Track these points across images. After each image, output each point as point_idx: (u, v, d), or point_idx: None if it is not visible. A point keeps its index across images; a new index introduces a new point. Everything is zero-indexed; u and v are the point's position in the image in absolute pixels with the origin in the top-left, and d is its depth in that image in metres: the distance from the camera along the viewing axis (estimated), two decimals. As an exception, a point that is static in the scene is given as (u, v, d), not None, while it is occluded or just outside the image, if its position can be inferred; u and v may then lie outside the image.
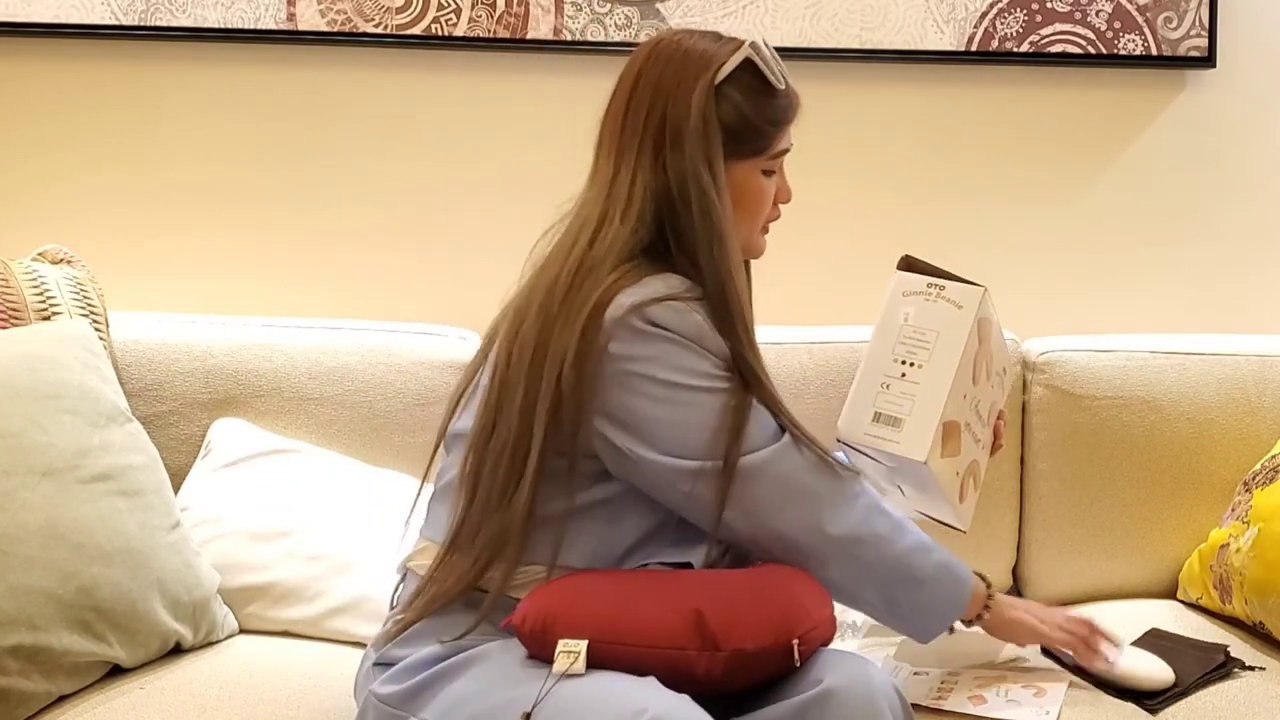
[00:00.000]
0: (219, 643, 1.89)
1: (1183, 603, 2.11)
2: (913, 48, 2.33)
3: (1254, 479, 2.05)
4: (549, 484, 1.47)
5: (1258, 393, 2.15)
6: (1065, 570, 2.15)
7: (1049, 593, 2.17)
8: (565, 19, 2.30)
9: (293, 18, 2.30)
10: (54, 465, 1.77)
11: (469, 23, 2.30)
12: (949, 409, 1.58)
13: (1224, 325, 2.37)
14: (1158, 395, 2.15)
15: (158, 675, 1.77)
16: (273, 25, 2.30)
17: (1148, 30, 2.34)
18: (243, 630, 1.94)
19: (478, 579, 1.49)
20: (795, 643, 1.39)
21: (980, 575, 1.63)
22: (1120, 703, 1.73)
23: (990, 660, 1.80)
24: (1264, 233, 2.43)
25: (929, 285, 1.63)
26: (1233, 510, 2.06)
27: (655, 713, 1.28)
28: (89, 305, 2.06)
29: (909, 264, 1.67)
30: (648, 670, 1.37)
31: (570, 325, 1.45)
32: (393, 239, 2.36)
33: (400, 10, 2.30)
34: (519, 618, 1.42)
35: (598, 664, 1.38)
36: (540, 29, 2.30)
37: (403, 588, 1.63)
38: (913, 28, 2.33)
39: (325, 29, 2.30)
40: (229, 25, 2.30)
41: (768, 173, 1.56)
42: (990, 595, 1.62)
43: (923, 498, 1.66)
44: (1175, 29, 2.34)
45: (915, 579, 1.53)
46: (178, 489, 2.00)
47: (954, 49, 2.33)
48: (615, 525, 1.51)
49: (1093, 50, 2.34)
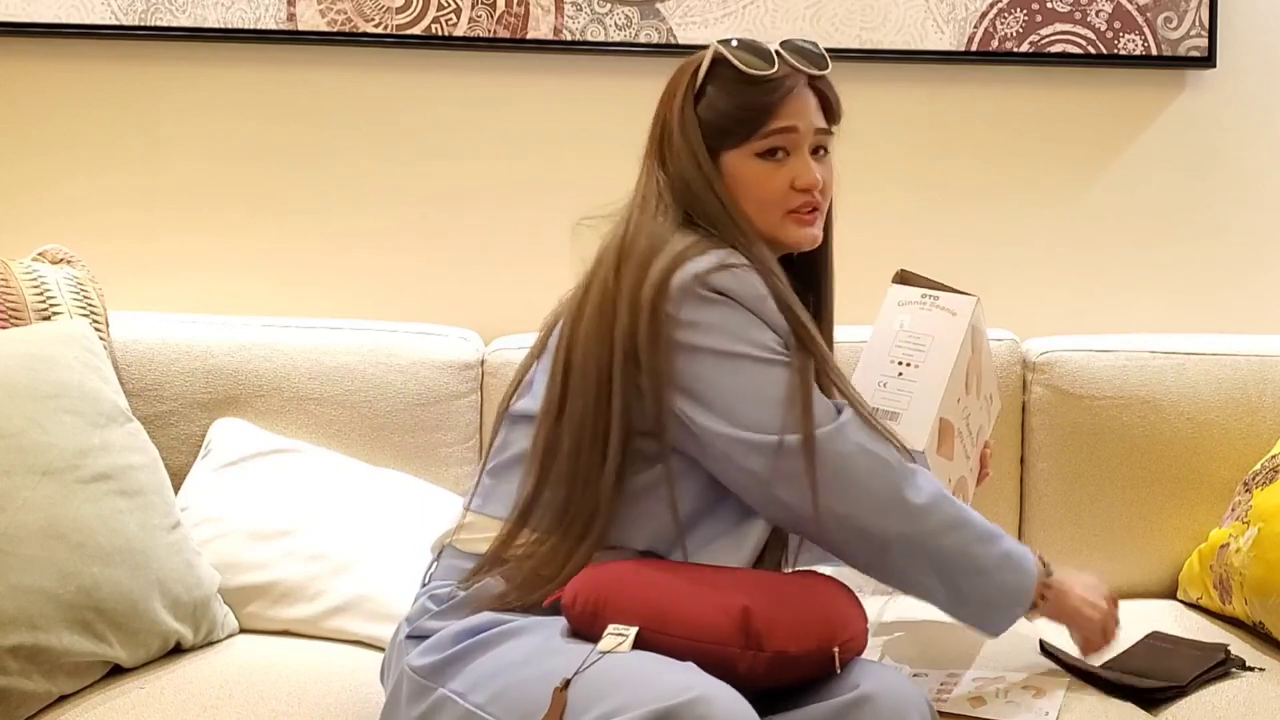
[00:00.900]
0: (219, 642, 1.89)
1: (1183, 603, 2.11)
2: (913, 48, 2.33)
3: (1254, 479, 2.06)
4: (631, 461, 1.51)
5: (1258, 393, 2.16)
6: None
7: (1049, 593, 2.17)
8: (565, 19, 2.30)
9: (293, 18, 2.30)
10: (54, 465, 1.77)
11: (469, 23, 2.30)
12: (945, 405, 1.60)
13: (1224, 325, 2.37)
14: (1157, 395, 2.15)
15: (158, 675, 1.77)
16: (273, 25, 2.30)
17: (1148, 30, 2.34)
18: (243, 630, 1.94)
19: (570, 557, 1.51)
20: (837, 650, 1.42)
21: (1041, 559, 1.61)
22: (1121, 703, 1.73)
23: (966, 662, 1.81)
24: (1264, 233, 2.43)
25: (924, 295, 1.68)
26: (1233, 510, 2.06)
27: (700, 693, 1.29)
28: (89, 305, 2.06)
29: (904, 278, 1.71)
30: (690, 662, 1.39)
31: (637, 296, 1.50)
32: (393, 239, 2.36)
33: (400, 10, 2.30)
34: (569, 597, 1.44)
35: (642, 650, 1.40)
36: (540, 29, 2.30)
37: (438, 564, 1.62)
38: (913, 28, 2.33)
39: (325, 29, 2.30)
40: (229, 25, 2.29)
41: (763, 156, 1.58)
42: (1048, 583, 1.60)
43: None
44: (1175, 29, 2.34)
45: (977, 567, 1.53)
46: (178, 489, 2.00)
47: (954, 49, 2.33)
48: (669, 505, 1.53)
49: (1093, 50, 2.34)
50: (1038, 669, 1.81)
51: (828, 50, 2.31)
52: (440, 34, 2.30)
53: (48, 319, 2.00)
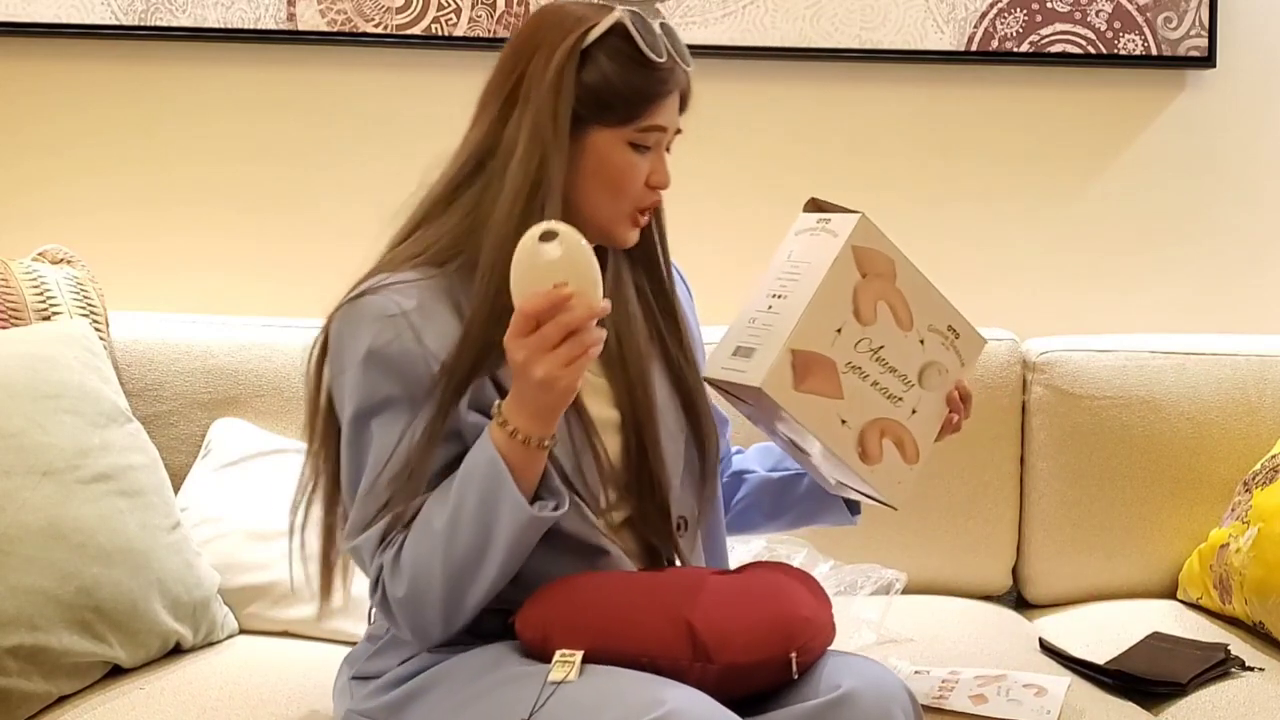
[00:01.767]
0: (219, 643, 1.89)
1: (1183, 603, 2.11)
2: (913, 48, 2.33)
3: (1254, 479, 2.06)
4: None
5: (1258, 393, 2.16)
6: (1065, 570, 2.15)
7: (1049, 592, 2.17)
8: (565, 19, 2.30)
9: (293, 18, 2.30)
10: (54, 465, 1.77)
11: (469, 23, 2.30)
12: (804, 337, 1.45)
13: (1224, 325, 2.37)
14: (1157, 395, 2.15)
15: (158, 675, 1.77)
16: (273, 25, 2.30)
17: (1148, 30, 2.34)
18: (243, 630, 1.94)
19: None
20: (793, 655, 1.37)
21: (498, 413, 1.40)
22: (1122, 702, 1.73)
23: (968, 660, 1.80)
24: (1264, 233, 2.43)
25: (819, 220, 1.53)
26: (1233, 510, 2.06)
27: (672, 705, 1.26)
28: (89, 305, 2.06)
29: (815, 206, 1.57)
30: None
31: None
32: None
33: (400, 10, 2.30)
34: (521, 624, 1.41)
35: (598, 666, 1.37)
36: (540, 29, 2.30)
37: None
38: (913, 28, 2.33)
39: (325, 29, 2.30)
40: (229, 25, 2.29)
41: (636, 147, 1.48)
42: (503, 418, 1.38)
43: (824, 457, 1.53)
44: (1175, 29, 2.34)
45: (476, 527, 1.38)
46: (178, 489, 2.00)
47: (954, 49, 2.33)
48: None
49: (1093, 50, 2.34)
50: (1039, 667, 1.82)
51: (827, 50, 2.34)
52: (440, 34, 2.30)
53: (48, 319, 1.99)
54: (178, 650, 1.84)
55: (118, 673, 1.77)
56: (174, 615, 1.81)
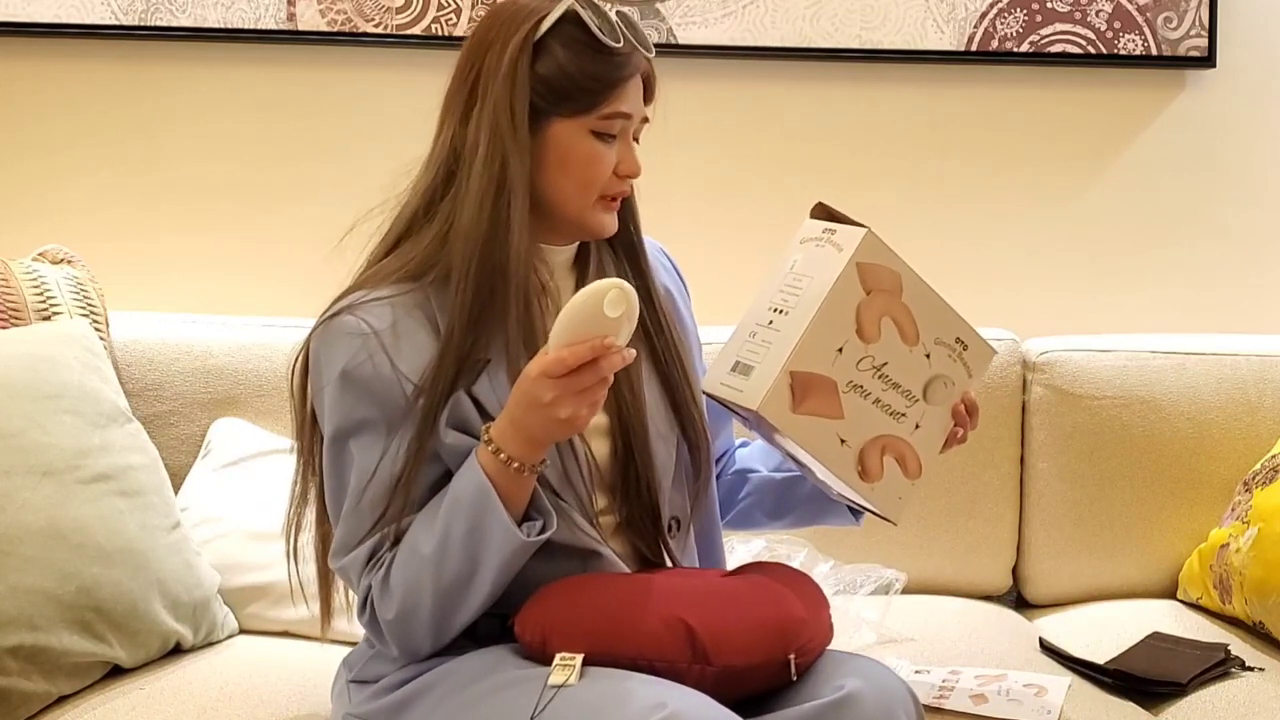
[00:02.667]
0: (219, 643, 1.89)
1: (1183, 603, 2.11)
2: (913, 48, 2.33)
3: (1254, 479, 2.06)
4: None
5: (1258, 393, 2.16)
6: (1065, 570, 2.15)
7: (1049, 592, 2.17)
8: (565, 19, 2.30)
9: (293, 18, 2.30)
10: (54, 465, 1.77)
11: (469, 23, 2.30)
12: (803, 358, 1.42)
13: (1224, 325, 2.36)
14: (1158, 395, 2.15)
15: (158, 675, 1.77)
16: (273, 25, 2.30)
17: (1148, 30, 2.34)
18: (243, 630, 1.94)
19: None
20: (792, 657, 1.37)
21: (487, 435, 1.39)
22: (1122, 702, 1.73)
23: (969, 660, 1.80)
24: (1264, 233, 2.43)
25: (824, 230, 1.48)
26: (1233, 510, 2.06)
27: (674, 707, 1.26)
28: (89, 305, 2.06)
29: (824, 212, 1.53)
30: None
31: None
32: (393, 239, 2.35)
33: (400, 10, 2.30)
34: (520, 627, 1.41)
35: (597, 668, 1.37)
36: (540, 29, 2.30)
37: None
38: (913, 28, 2.33)
39: (325, 29, 2.30)
40: (229, 25, 2.29)
41: (600, 136, 1.45)
42: (489, 438, 1.37)
43: (824, 473, 1.51)
44: (1175, 29, 2.34)
45: (464, 554, 1.37)
46: (178, 489, 2.00)
47: (954, 49, 2.33)
48: None
49: (1093, 50, 2.34)
50: (1040, 667, 1.82)
51: (827, 50, 2.34)
52: (440, 34, 2.30)
53: (48, 319, 1.99)
54: (178, 650, 1.84)
55: (118, 673, 1.77)
56: (174, 615, 1.81)
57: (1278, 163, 2.42)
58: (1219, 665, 1.79)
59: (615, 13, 1.45)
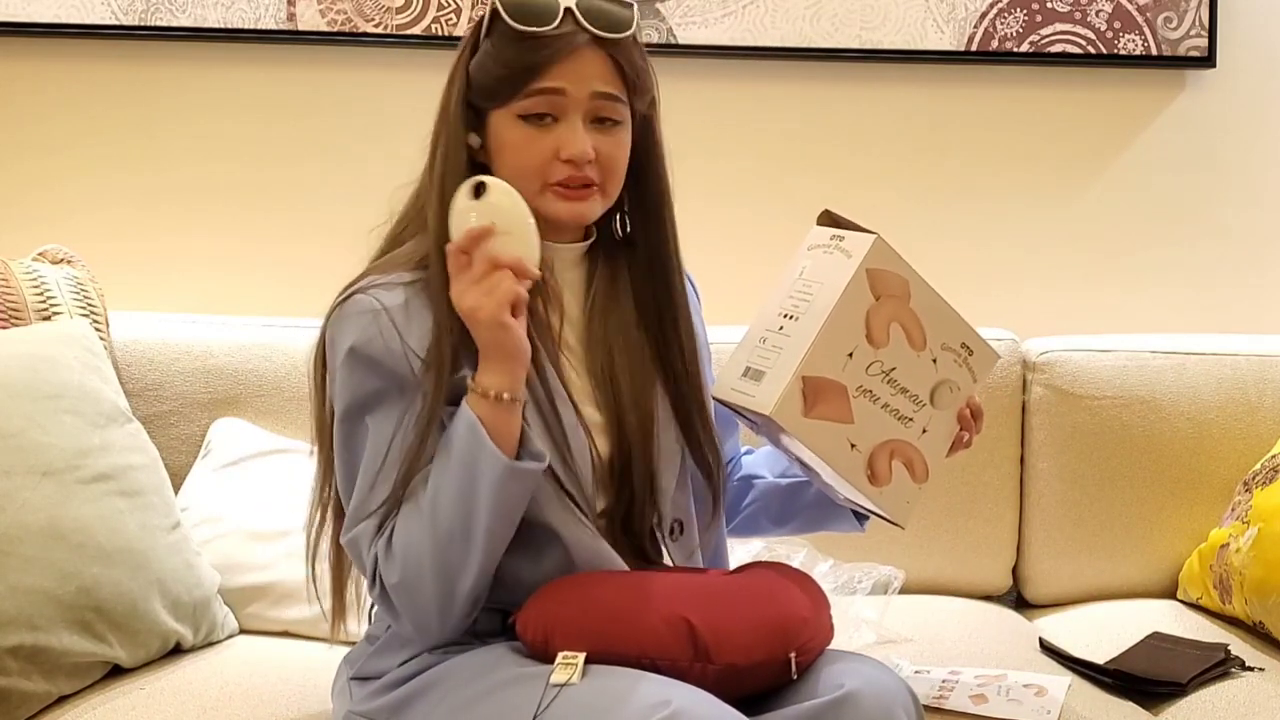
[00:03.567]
0: (219, 643, 1.89)
1: (1183, 603, 2.11)
2: (913, 48, 2.33)
3: (1254, 479, 2.06)
4: None
5: (1258, 393, 2.16)
6: (1065, 570, 2.15)
7: (1049, 592, 2.17)
8: (565, 19, 2.30)
9: (293, 18, 2.30)
10: (54, 465, 1.77)
11: (469, 23, 2.29)
12: (815, 363, 1.44)
13: (1224, 325, 2.37)
14: (1158, 395, 2.15)
15: (158, 675, 1.77)
16: (273, 25, 2.30)
17: (1148, 30, 2.34)
18: (243, 630, 1.94)
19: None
20: (793, 656, 1.37)
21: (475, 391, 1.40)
22: (1121, 702, 1.73)
23: (968, 660, 1.80)
24: (1264, 233, 2.43)
25: (832, 237, 1.50)
26: (1233, 510, 2.06)
27: (677, 705, 1.26)
28: (89, 305, 2.06)
29: (830, 219, 1.54)
30: None
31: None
32: (393, 239, 2.36)
33: (400, 10, 2.30)
34: (521, 626, 1.41)
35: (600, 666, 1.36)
36: (540, 29, 2.30)
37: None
38: (913, 28, 2.33)
39: (325, 29, 2.30)
40: (229, 25, 2.29)
41: (528, 119, 1.44)
42: (471, 386, 1.40)
43: (832, 477, 1.53)
44: (1175, 29, 2.34)
45: (468, 508, 1.37)
46: (178, 489, 2.00)
47: (954, 49, 2.33)
48: None
49: (1093, 50, 2.34)
50: (1040, 667, 1.82)
51: (827, 50, 2.34)
52: (440, 34, 2.30)
53: (48, 319, 1.99)
54: (178, 650, 1.84)
55: (118, 673, 1.77)
56: (174, 615, 1.81)
57: (1278, 163, 2.42)
58: (1219, 665, 1.79)
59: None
